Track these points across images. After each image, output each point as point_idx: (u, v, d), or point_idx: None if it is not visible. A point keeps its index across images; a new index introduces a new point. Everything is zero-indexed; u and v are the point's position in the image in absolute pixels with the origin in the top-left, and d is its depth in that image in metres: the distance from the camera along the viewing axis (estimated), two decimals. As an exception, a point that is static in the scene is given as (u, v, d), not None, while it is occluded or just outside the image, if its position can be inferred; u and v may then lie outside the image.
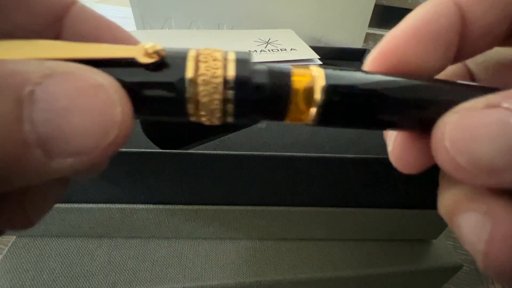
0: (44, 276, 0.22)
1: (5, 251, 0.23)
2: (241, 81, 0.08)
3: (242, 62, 0.08)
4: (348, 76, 0.09)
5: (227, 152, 0.20)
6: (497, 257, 0.07)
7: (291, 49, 0.37)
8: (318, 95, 0.08)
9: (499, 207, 0.07)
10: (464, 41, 0.09)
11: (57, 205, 0.22)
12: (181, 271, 0.23)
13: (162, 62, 0.08)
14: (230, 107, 0.08)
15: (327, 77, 0.09)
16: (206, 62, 0.08)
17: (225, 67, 0.08)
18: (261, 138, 0.24)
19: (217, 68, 0.08)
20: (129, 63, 0.07)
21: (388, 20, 0.54)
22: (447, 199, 0.09)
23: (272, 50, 0.36)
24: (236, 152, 0.20)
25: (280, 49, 0.37)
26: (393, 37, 0.09)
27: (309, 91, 0.09)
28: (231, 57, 0.08)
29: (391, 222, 0.25)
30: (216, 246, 0.25)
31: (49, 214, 0.22)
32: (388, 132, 0.11)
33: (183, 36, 0.37)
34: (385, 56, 0.09)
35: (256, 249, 0.25)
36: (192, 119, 0.08)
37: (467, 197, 0.08)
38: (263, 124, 0.26)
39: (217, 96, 0.08)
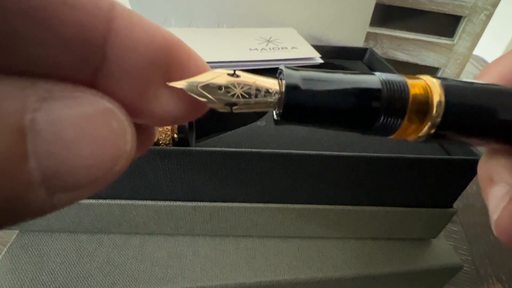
0: (43, 277, 0.22)
1: (4, 251, 0.23)
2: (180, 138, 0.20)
3: (181, 127, 0.20)
4: (467, 88, 0.08)
5: (226, 149, 0.20)
6: (504, 225, 0.08)
7: (292, 48, 0.36)
8: (434, 111, 0.07)
9: None
10: None
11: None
12: (181, 271, 0.23)
13: None
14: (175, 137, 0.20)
15: (446, 90, 0.08)
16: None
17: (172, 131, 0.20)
18: (260, 136, 0.23)
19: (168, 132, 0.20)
20: None
21: (389, 19, 0.54)
22: (486, 169, 0.09)
23: (273, 48, 0.36)
24: (235, 149, 0.20)
25: (281, 48, 0.36)
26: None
27: (424, 105, 0.08)
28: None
29: (391, 220, 0.25)
30: (216, 246, 0.25)
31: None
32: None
33: (184, 34, 0.37)
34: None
35: (256, 249, 0.25)
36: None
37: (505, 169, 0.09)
38: (262, 122, 0.26)
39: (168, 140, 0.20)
